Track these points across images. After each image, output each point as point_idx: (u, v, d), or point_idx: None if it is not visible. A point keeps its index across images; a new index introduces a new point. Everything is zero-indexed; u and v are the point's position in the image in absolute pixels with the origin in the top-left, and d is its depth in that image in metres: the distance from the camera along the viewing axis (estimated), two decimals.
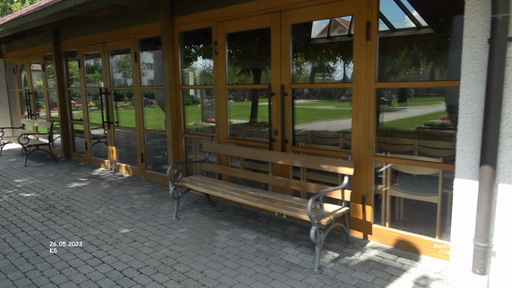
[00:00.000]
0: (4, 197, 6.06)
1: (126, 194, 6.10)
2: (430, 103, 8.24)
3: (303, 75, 7.74)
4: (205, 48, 7.45)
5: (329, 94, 9.54)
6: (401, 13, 6.00)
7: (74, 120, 9.07)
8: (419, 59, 6.92)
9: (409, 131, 6.93)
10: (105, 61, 7.47)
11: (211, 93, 8.53)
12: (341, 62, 7.88)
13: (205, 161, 5.28)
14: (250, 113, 8.23)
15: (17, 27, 6.37)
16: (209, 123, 8.09)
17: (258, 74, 8.18)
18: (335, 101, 9.95)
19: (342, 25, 7.51)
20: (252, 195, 4.31)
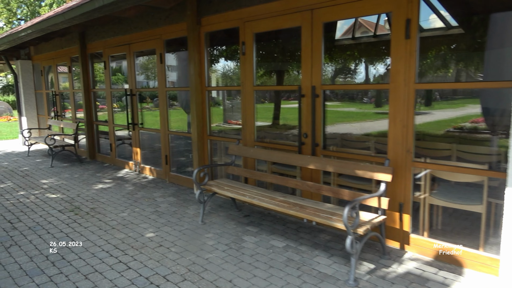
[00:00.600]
0: (31, 198, 6.07)
1: (150, 197, 6.02)
2: (457, 106, 7.90)
3: (325, 77, 7.53)
4: (230, 48, 7.34)
5: (351, 96, 9.29)
6: (429, 11, 5.76)
7: (99, 122, 9.11)
8: (450, 60, 6.63)
9: (442, 135, 6.62)
10: (131, 63, 7.44)
11: (232, 94, 8.44)
12: (364, 64, 7.63)
13: (231, 164, 5.14)
14: (273, 115, 8.07)
15: (45, 29, 6.41)
16: (231, 125, 7.98)
17: (281, 76, 8.01)
18: (357, 103, 9.67)
19: (366, 26, 7.26)
20: (282, 201, 4.13)
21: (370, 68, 7.51)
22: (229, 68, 8.01)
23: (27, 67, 11.55)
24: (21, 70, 11.44)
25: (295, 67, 7.53)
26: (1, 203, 5.81)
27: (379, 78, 7.27)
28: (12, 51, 11.38)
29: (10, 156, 9.88)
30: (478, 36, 5.83)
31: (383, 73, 7.24)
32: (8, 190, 6.57)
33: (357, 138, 6.14)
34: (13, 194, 6.28)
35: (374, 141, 5.38)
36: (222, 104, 8.56)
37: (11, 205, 5.73)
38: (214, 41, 6.18)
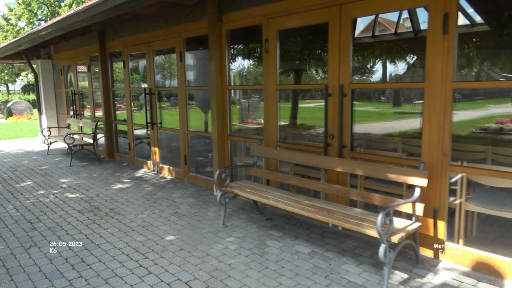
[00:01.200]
0: (50, 197, 6.04)
1: (169, 198, 5.91)
2: (478, 106, 7.59)
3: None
4: (249, 47, 7.17)
5: (367, 94, 9.00)
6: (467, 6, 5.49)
7: (118, 121, 9.08)
8: (475, 58, 6.33)
9: (472, 137, 6.33)
10: (150, 61, 7.36)
11: (248, 93, 8.27)
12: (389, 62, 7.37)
13: (253, 166, 4.98)
14: (290, 115, 7.88)
15: (66, 27, 6.38)
16: (247, 124, 7.84)
17: (298, 75, 7.80)
18: (374, 102, 9.37)
19: (384, 25, 7.02)
20: (307, 205, 3.95)
21: (398, 66, 7.24)
22: (248, 67, 7.85)
23: (47, 66, 11.63)
24: (41, 69, 11.53)
25: (316, 65, 7.33)
26: (22, 203, 5.78)
27: (398, 78, 7.01)
28: (32, 50, 11.48)
29: (30, 155, 9.94)
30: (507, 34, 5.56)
31: (409, 71, 6.97)
32: (28, 189, 6.56)
33: (382, 139, 5.90)
34: (33, 193, 6.26)
35: (401, 142, 5.14)
36: (238, 103, 8.42)
37: (31, 204, 5.70)
38: (234, 39, 6.03)
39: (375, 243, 4.08)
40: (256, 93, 8.57)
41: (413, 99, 9.11)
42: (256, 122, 7.79)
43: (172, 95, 11.08)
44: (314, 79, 7.23)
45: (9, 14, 34.49)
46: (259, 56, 6.38)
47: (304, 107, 8.92)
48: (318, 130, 6.88)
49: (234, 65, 7.67)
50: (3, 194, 6.26)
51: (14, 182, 7.03)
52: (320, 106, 8.80)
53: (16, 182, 7.04)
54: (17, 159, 9.40)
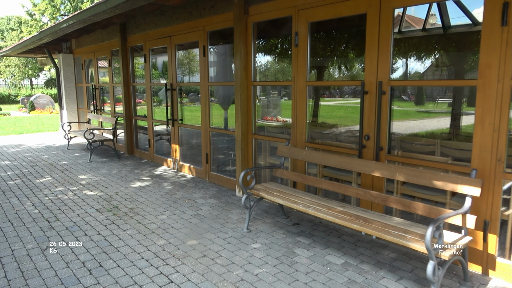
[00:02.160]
0: (69, 194, 5.88)
1: (190, 198, 5.68)
2: None
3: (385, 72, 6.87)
4: (275, 41, 6.87)
5: (353, 91, 8.57)
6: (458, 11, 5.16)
7: (138, 116, 8.91)
8: None
9: None
10: (171, 56, 7.13)
11: (266, 89, 7.97)
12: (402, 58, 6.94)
13: (280, 167, 4.68)
14: (312, 113, 7.55)
15: (87, 19, 6.19)
16: (266, 121, 7.58)
17: (320, 71, 7.45)
18: (395, 100, 8.92)
19: (409, 21, 6.62)
20: (341, 212, 3.63)
21: (405, 63, 6.80)
22: (273, 62, 7.55)
23: (68, 60, 11.58)
24: (63, 64, 11.49)
25: (347, 61, 6.97)
26: (40, 200, 5.64)
27: (421, 75, 6.58)
28: (54, 44, 11.45)
29: (50, 150, 9.89)
30: None
31: (436, 69, 6.54)
32: (47, 185, 6.43)
33: (416, 140, 5.50)
34: (51, 190, 6.13)
35: (440, 145, 4.75)
36: (257, 100, 8.15)
37: (50, 201, 5.55)
38: (259, 32, 5.72)
39: (414, 256, 3.74)
40: (275, 89, 8.26)
41: (436, 98, 8.64)
42: (275, 120, 7.53)
43: (191, 91, 10.88)
44: (343, 76, 6.87)
45: (33, 10, 35.03)
46: (285, 51, 6.07)
47: (326, 105, 8.56)
48: (347, 130, 6.53)
49: (262, 59, 7.38)
50: (22, 190, 6.15)
51: (34, 178, 6.93)
52: (344, 104, 8.42)
53: (36, 178, 6.93)
54: (37, 153, 9.35)
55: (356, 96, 7.09)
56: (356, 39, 6.32)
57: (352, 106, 7.34)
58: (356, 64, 6.73)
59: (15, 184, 6.50)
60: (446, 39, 6.36)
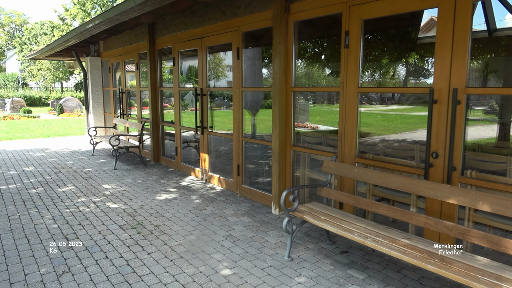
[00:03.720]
0: (91, 207, 5.46)
1: (221, 215, 5.14)
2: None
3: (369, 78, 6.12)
4: (320, 41, 6.24)
5: (424, 99, 7.75)
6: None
7: (165, 122, 8.49)
8: None
9: None
10: (202, 59, 6.66)
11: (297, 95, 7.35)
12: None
13: (326, 185, 4.08)
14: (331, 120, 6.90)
15: (114, 18, 5.80)
16: (297, 128, 6.98)
17: (330, 76, 6.78)
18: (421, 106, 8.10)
19: None
20: (408, 247, 2.99)
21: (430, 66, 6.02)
22: (314, 66, 6.94)
23: (96, 63, 11.37)
24: (90, 67, 11.28)
25: (403, 64, 6.28)
26: (61, 212, 5.24)
27: None
28: (82, 46, 11.27)
29: (75, 155, 9.62)
30: None
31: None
32: (69, 195, 6.06)
33: (490, 158, 4.77)
34: (73, 201, 5.73)
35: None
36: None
37: (70, 214, 5.14)
38: (303, 32, 5.15)
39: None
40: (300, 94, 7.64)
41: (474, 105, 7.82)
42: (302, 125, 6.98)
43: (216, 96, 10.40)
44: (397, 80, 6.16)
45: (65, 14, 35.79)
46: (330, 53, 5.47)
47: (368, 112, 7.86)
48: (400, 142, 5.84)
49: (300, 62, 6.79)
50: (43, 200, 5.78)
51: (56, 186, 6.58)
52: (390, 111, 7.64)
53: (58, 186, 6.58)
54: (62, 158, 9.08)
55: (406, 102, 6.35)
56: (415, 39, 5.64)
57: (405, 114, 6.60)
58: (414, 69, 6.00)
59: (36, 193, 6.15)
60: (492, 42, 5.63)
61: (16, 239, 4.34)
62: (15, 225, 4.77)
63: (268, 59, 6.68)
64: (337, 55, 4.37)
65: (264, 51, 6.79)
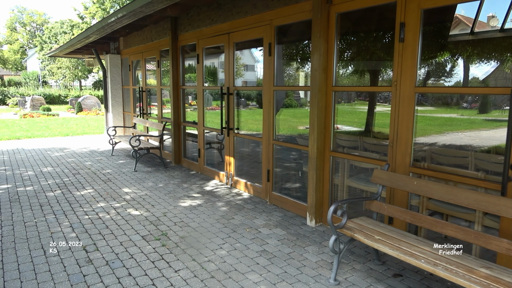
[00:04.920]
0: (111, 213, 5.09)
1: (252, 225, 4.70)
2: None
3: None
4: (367, 35, 5.65)
5: (445, 100, 7.10)
6: None
7: (187, 123, 8.10)
8: None
9: None
10: (229, 55, 6.23)
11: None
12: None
13: (376, 198, 3.59)
14: (366, 121, 6.30)
15: (137, 11, 5.41)
16: None
17: (375, 75, 6.20)
18: (454, 108, 7.45)
19: (465, 23, 5.29)
20: (491, 279, 2.48)
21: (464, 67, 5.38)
22: (359, 62, 6.36)
23: (116, 61, 11.07)
24: (110, 65, 10.99)
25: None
26: (79, 218, 4.88)
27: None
28: (102, 43, 10.99)
29: (94, 155, 9.32)
30: None
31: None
32: (88, 199, 5.70)
33: None
34: (92, 206, 5.37)
35: None
36: (307, 104, 7.09)
37: (89, 222, 4.77)
38: (344, 26, 4.65)
39: None
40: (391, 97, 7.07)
41: (502, 105, 7.16)
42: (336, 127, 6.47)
43: (239, 95, 9.93)
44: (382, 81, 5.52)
45: (84, 13, 35.95)
46: (377, 48, 4.96)
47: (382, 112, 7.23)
48: (456, 148, 5.25)
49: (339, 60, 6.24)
50: (61, 205, 5.44)
51: (74, 189, 6.24)
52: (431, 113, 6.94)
53: (77, 189, 6.24)
54: (80, 159, 8.78)
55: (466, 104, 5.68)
56: None
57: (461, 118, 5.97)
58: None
59: (54, 197, 5.82)
60: None
61: (31, 249, 3.98)
62: (31, 233, 4.43)
63: (298, 56, 6.19)
64: (386, 51, 3.87)
65: (285, 48, 6.28)
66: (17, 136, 12.72)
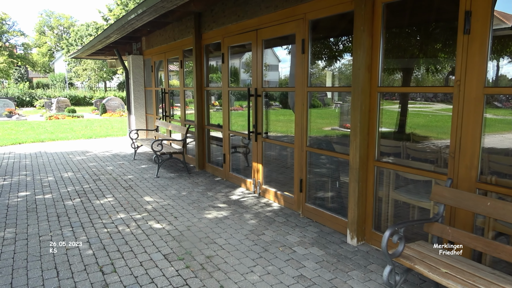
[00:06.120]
0: (132, 226, 4.70)
1: (285, 243, 4.20)
2: None
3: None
4: (417, 27, 5.06)
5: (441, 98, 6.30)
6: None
7: (211, 126, 7.68)
8: None
9: None
10: (257, 54, 5.75)
11: (342, 94, 6.28)
12: None
13: (438, 220, 3.03)
14: (398, 121, 5.66)
15: (159, 6, 5.00)
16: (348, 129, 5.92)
17: (408, 73, 5.54)
18: (487, 107, 6.66)
19: (500, 18, 4.59)
20: None
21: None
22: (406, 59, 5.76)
23: (138, 62, 10.79)
24: (132, 66, 10.71)
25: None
26: (97, 232, 4.51)
27: None
28: (124, 44, 10.74)
29: (116, 159, 9.04)
30: None
31: None
32: (107, 209, 5.35)
33: None
34: (112, 218, 5.00)
35: None
36: (331, 104, 6.54)
37: (108, 236, 4.39)
38: (391, 19, 4.08)
39: None
40: (349, 94, 6.52)
41: None
42: None
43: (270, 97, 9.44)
44: (422, 80, 4.90)
45: (109, 15, 36.30)
46: (432, 42, 4.38)
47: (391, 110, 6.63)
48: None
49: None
50: (79, 215, 5.10)
51: (94, 197, 5.91)
52: None
53: (96, 197, 5.91)
54: (102, 163, 8.51)
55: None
56: None
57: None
58: None
59: (72, 206, 5.50)
60: None
61: (44, 270, 3.61)
62: (46, 249, 4.08)
63: (334, 53, 5.65)
64: (444, 45, 3.30)
65: (354, 41, 5.75)
66: (41, 138, 12.66)
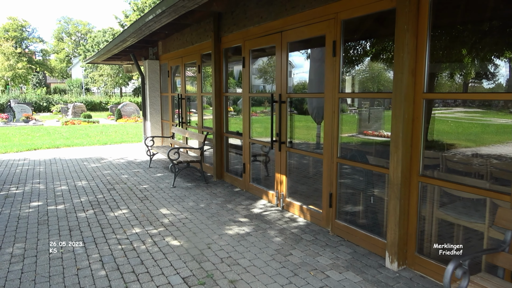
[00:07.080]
0: (147, 243, 4.34)
1: (316, 266, 3.78)
2: None
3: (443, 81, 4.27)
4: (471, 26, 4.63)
5: (479, 103, 5.76)
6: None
7: (231, 134, 7.32)
8: None
9: None
10: (281, 57, 5.38)
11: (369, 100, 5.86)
12: None
13: (504, 250, 2.58)
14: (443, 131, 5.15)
15: (179, 6, 4.66)
16: (367, 136, 5.56)
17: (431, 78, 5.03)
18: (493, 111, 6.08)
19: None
20: None
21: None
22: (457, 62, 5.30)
23: (154, 67, 10.54)
24: (148, 71, 10.47)
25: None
26: (111, 249, 4.17)
27: None
28: (140, 48, 10.51)
29: (131, 167, 8.75)
30: None
31: None
32: (122, 222, 5.01)
33: None
34: (126, 233, 4.66)
35: None
36: (346, 110, 6.15)
37: (122, 254, 4.04)
38: (440, 16, 3.65)
39: None
40: (366, 99, 6.10)
41: None
42: (377, 134, 5.52)
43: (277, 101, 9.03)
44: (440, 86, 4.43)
45: (125, 21, 36.53)
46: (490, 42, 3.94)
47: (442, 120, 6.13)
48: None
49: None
50: (92, 229, 4.78)
51: (108, 209, 5.59)
52: None
53: (110, 209, 5.59)
54: (117, 171, 8.22)
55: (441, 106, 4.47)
56: None
57: None
58: None
59: (85, 218, 5.18)
60: None
61: None
62: (55, 268, 3.75)
63: (368, 56, 5.24)
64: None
65: (395, 42, 5.34)
66: (56, 144, 12.50)
